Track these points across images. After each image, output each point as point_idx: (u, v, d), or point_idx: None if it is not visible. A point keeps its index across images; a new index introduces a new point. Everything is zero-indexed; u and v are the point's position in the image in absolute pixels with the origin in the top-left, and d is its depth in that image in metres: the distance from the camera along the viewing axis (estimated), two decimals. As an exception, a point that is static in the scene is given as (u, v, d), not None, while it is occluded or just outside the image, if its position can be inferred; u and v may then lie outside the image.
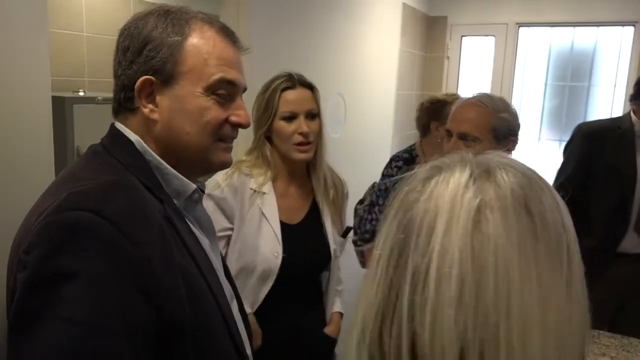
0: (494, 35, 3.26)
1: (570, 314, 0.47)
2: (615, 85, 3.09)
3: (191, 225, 0.80)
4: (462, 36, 3.35)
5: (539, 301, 0.46)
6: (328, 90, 2.22)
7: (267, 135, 1.40)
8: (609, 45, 3.09)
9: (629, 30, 3.00)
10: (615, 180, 2.16)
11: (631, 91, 2.21)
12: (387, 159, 2.08)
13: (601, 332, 1.86)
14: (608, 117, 3.00)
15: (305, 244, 1.43)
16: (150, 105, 0.75)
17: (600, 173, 2.20)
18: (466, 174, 0.49)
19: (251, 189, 1.39)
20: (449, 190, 0.48)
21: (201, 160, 0.79)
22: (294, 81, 1.38)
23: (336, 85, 2.27)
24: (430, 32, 3.37)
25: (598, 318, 1.93)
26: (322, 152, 1.45)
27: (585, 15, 3.03)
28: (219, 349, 0.77)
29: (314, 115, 1.39)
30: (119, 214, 0.64)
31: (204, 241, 0.82)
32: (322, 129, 1.42)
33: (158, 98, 0.75)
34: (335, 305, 1.57)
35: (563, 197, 0.51)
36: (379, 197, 2.03)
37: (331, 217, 1.49)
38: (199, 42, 0.75)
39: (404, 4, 2.88)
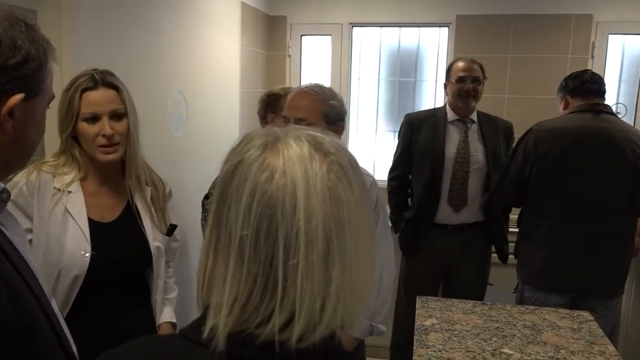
0: (330, 35, 3.45)
1: (371, 247, 0.59)
2: (436, 80, 3.46)
3: (1, 227, 0.77)
4: (302, 35, 3.50)
5: (362, 240, 0.58)
6: (167, 88, 2.20)
7: (73, 135, 1.37)
8: (430, 44, 3.45)
9: (444, 30, 3.38)
10: (428, 160, 2.47)
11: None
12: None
13: (429, 297, 2.09)
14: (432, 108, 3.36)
15: (118, 242, 1.41)
16: (10, 119, 0.74)
17: (417, 154, 2.51)
18: (306, 147, 0.56)
19: (54, 187, 1.34)
20: (298, 164, 0.55)
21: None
22: (96, 81, 1.35)
23: (176, 83, 2.25)
24: (271, 31, 3.47)
25: (429, 284, 2.20)
26: (134, 151, 1.42)
27: (408, 16, 3.35)
28: (45, 347, 0.77)
29: (120, 115, 1.37)
30: None
31: (16, 241, 0.80)
32: (133, 128, 1.40)
33: (16, 111, 0.74)
34: (165, 314, 1.55)
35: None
36: None
37: (150, 215, 1.49)
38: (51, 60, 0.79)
39: (243, 3, 2.94)
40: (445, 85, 2.57)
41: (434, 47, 3.44)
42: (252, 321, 0.54)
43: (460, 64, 2.50)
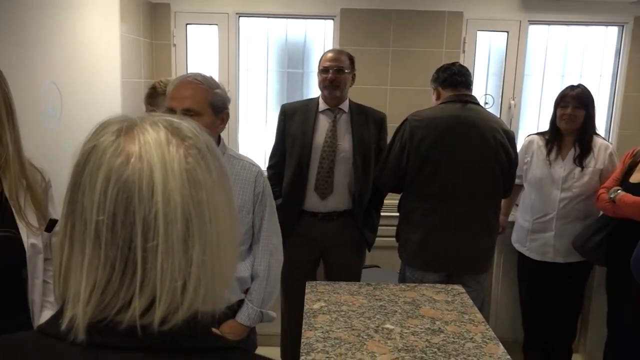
0: (216, 24, 3.41)
1: (232, 227, 0.62)
2: (323, 71, 3.55)
3: None
4: (187, 24, 3.42)
5: (222, 220, 0.60)
6: (37, 78, 2.06)
7: None
8: (316, 36, 3.53)
9: (330, 23, 3.47)
10: (297, 148, 2.53)
11: None
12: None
13: (318, 282, 2.17)
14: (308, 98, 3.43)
15: None
16: None
17: (289, 143, 2.56)
18: (162, 132, 0.57)
19: None
20: (154, 148, 0.56)
21: None
22: None
23: (47, 73, 2.11)
24: (154, 19, 3.35)
25: (304, 272, 2.27)
26: None
27: (294, 8, 3.40)
28: None
29: None
30: None
31: None
32: None
33: None
34: (44, 318, 1.48)
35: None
36: None
37: (26, 210, 1.40)
38: None
39: (121, -11, 2.81)
40: (318, 76, 2.63)
41: (320, 39, 3.52)
42: (112, 308, 0.54)
43: (327, 55, 2.56)
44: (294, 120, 2.56)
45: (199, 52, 3.48)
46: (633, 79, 3.46)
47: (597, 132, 2.80)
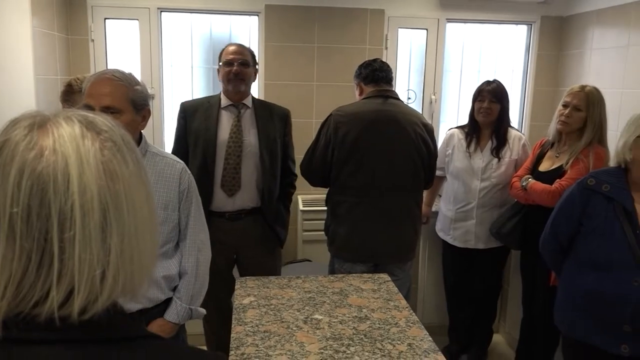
0: (137, 19, 3.31)
1: (150, 217, 0.64)
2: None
3: None
4: (105, 18, 3.29)
5: (140, 210, 0.61)
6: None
7: None
8: (241, 33, 3.50)
9: (254, 19, 3.46)
10: (201, 145, 2.48)
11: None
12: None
13: (248, 277, 2.17)
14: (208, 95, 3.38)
15: None
16: None
17: (191, 141, 2.51)
18: (77, 126, 0.58)
19: None
20: (69, 142, 0.57)
21: None
22: None
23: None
24: (70, 13, 3.20)
25: (220, 274, 2.25)
26: None
27: (218, 4, 3.36)
28: None
29: None
30: None
31: None
32: None
33: None
34: None
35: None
36: None
37: None
38: None
39: (32, -19, 2.66)
40: (218, 71, 2.57)
41: (245, 35, 3.50)
42: (28, 301, 0.54)
43: (230, 48, 2.53)
44: (196, 118, 2.49)
45: (120, 48, 3.37)
46: (541, 74, 3.70)
47: (511, 124, 2.98)
